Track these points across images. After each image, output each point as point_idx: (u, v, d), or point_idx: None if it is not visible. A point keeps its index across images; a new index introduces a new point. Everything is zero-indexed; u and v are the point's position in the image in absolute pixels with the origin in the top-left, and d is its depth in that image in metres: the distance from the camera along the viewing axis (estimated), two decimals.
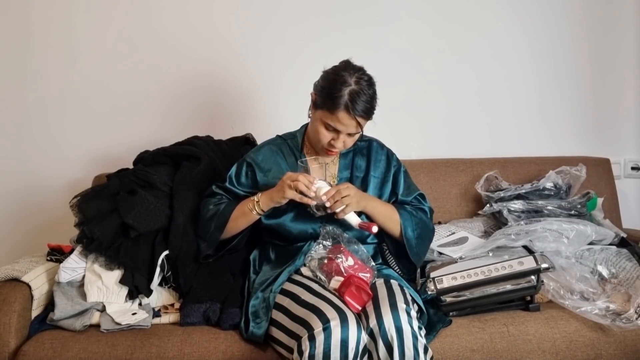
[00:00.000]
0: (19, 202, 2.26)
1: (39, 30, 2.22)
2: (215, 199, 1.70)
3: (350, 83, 1.53)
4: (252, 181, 1.69)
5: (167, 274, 1.72)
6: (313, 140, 1.66)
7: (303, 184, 1.51)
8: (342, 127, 1.56)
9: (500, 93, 2.41)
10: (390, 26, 2.34)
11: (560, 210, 1.97)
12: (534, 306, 1.65)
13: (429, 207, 1.76)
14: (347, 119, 1.54)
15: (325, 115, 1.56)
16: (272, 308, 1.51)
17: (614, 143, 2.46)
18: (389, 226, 1.65)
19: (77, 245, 1.74)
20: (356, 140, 1.74)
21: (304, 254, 1.62)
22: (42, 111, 2.24)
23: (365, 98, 1.54)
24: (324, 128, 1.58)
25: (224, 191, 1.72)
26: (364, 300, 1.45)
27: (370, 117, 1.60)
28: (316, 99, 1.60)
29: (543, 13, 2.40)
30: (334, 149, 1.60)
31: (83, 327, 1.58)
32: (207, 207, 1.68)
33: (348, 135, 1.59)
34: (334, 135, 1.58)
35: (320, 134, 1.59)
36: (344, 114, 1.53)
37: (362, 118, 1.56)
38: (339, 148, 1.60)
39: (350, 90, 1.53)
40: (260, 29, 2.29)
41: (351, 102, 1.52)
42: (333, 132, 1.58)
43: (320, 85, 1.59)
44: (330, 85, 1.55)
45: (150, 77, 2.26)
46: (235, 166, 1.74)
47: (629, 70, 2.45)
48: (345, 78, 1.54)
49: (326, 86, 1.56)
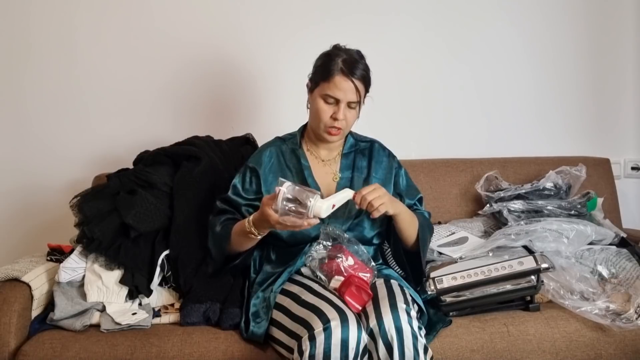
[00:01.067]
0: (19, 202, 2.26)
1: (39, 30, 2.22)
2: (222, 218, 1.65)
3: (341, 55, 1.59)
4: (257, 187, 1.67)
5: (167, 274, 1.72)
6: (314, 126, 1.64)
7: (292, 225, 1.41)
8: (340, 94, 1.56)
9: (500, 93, 2.41)
10: (390, 26, 2.34)
11: (560, 210, 1.97)
12: (534, 306, 1.65)
13: (428, 212, 1.77)
14: (344, 82, 1.56)
15: (323, 87, 1.58)
16: (272, 308, 1.51)
17: (614, 143, 2.46)
18: (408, 234, 1.63)
19: (77, 245, 1.75)
20: (358, 141, 1.75)
21: (304, 254, 1.62)
22: (42, 111, 2.24)
23: (360, 65, 1.58)
24: (323, 102, 1.59)
25: (228, 204, 1.67)
26: (364, 300, 1.45)
27: (367, 87, 1.62)
28: (311, 82, 1.63)
29: (543, 13, 2.40)
30: (336, 123, 1.59)
31: (83, 327, 1.58)
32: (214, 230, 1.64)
33: (348, 106, 1.59)
34: (335, 109, 1.58)
35: (320, 112, 1.59)
36: (340, 78, 1.56)
37: (360, 82, 1.58)
38: (341, 122, 1.58)
39: (342, 58, 1.58)
40: (261, 28, 2.29)
41: (346, 67, 1.56)
42: (333, 104, 1.58)
43: (313, 68, 1.64)
44: (323, 62, 1.61)
45: (151, 77, 2.26)
46: (238, 175, 1.71)
47: (629, 70, 2.45)
48: (336, 52, 1.60)
49: (319, 64, 1.62)
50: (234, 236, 1.58)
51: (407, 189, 1.74)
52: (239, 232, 1.56)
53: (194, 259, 1.72)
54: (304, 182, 1.65)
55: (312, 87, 1.63)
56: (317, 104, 1.60)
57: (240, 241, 1.57)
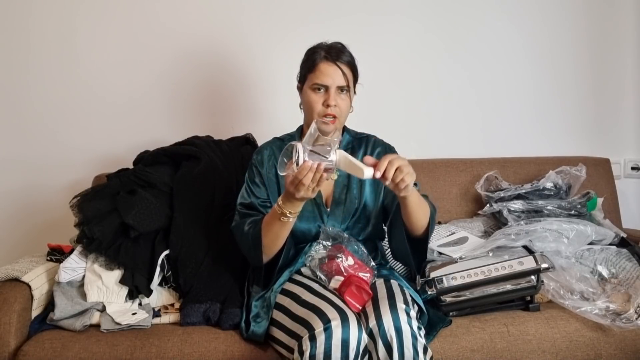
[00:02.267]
0: (19, 202, 2.26)
1: (39, 30, 2.22)
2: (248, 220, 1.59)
3: (323, 46, 1.62)
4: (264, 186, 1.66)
5: (167, 274, 1.72)
6: (309, 120, 1.63)
7: (309, 178, 1.34)
8: (328, 79, 1.57)
9: (500, 93, 2.41)
10: (390, 26, 2.34)
11: (560, 210, 1.97)
12: (534, 306, 1.65)
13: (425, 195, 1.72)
14: (329, 68, 1.58)
15: (310, 79, 1.60)
16: (272, 308, 1.51)
17: (614, 143, 2.46)
18: (418, 216, 1.52)
19: (77, 245, 1.75)
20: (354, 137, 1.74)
21: (304, 254, 1.62)
22: (42, 111, 2.24)
23: (344, 51, 1.61)
24: (313, 93, 1.60)
25: (249, 209, 1.63)
26: (364, 299, 1.45)
27: (355, 74, 1.64)
28: (300, 81, 1.66)
29: (543, 13, 2.40)
30: (330, 110, 1.58)
31: (83, 327, 1.58)
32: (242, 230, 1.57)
33: (338, 90, 1.59)
34: (325, 96, 1.59)
35: (312, 102, 1.60)
36: (324, 64, 1.58)
37: (346, 67, 1.59)
38: (334, 109, 1.58)
39: (324, 49, 1.61)
40: (261, 29, 2.29)
41: (329, 53, 1.59)
42: (323, 92, 1.59)
43: (300, 68, 1.66)
44: (307, 57, 1.63)
45: (151, 78, 2.26)
46: (248, 178, 1.67)
47: (629, 70, 2.45)
48: (318, 45, 1.63)
49: (304, 60, 1.65)
50: (266, 227, 1.52)
51: None
52: (270, 222, 1.51)
53: (194, 259, 1.72)
54: None
55: (301, 84, 1.66)
56: (307, 97, 1.61)
57: (274, 231, 1.50)
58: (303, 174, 1.34)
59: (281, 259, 1.58)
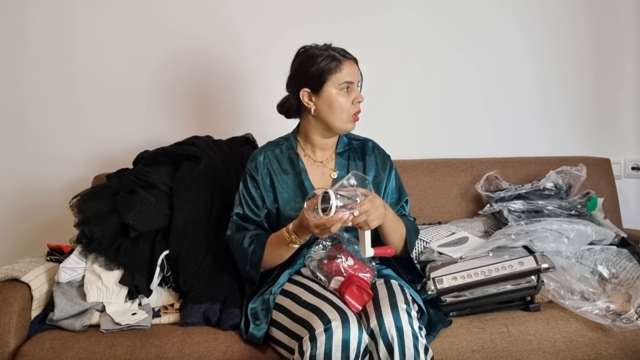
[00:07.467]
0: (19, 202, 2.26)
1: (38, 29, 2.21)
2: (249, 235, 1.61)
3: (323, 47, 1.62)
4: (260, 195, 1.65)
5: (167, 274, 1.72)
6: (336, 121, 1.60)
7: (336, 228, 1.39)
8: (355, 76, 1.60)
9: (501, 93, 2.41)
10: (390, 25, 2.33)
11: (561, 211, 1.97)
12: (534, 306, 1.65)
13: (413, 217, 1.76)
14: (352, 66, 1.60)
15: (337, 79, 1.58)
16: (271, 310, 1.51)
17: (614, 143, 2.46)
18: (391, 239, 1.58)
19: (77, 245, 1.74)
20: (351, 140, 1.74)
21: (303, 256, 1.61)
22: (42, 111, 2.24)
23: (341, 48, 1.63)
24: (340, 93, 1.59)
25: (245, 221, 1.64)
26: (365, 300, 1.45)
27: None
28: (312, 87, 1.59)
29: (544, 12, 2.40)
30: (359, 105, 1.61)
31: (83, 327, 1.58)
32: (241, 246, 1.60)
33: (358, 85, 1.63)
34: (352, 94, 1.60)
35: (342, 103, 1.58)
36: (348, 62, 1.59)
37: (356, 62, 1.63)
38: (361, 103, 1.61)
39: (331, 48, 1.61)
40: (261, 28, 2.29)
41: (338, 53, 1.60)
42: (350, 91, 1.60)
43: (305, 73, 1.59)
44: (313, 60, 1.59)
45: (151, 77, 2.26)
46: (242, 187, 1.66)
47: (629, 70, 2.44)
48: (314, 49, 1.62)
49: (312, 63, 1.59)
50: (270, 248, 1.56)
51: (397, 188, 1.72)
52: (275, 244, 1.55)
53: (193, 259, 1.71)
54: (302, 184, 1.64)
55: (316, 89, 1.59)
56: (334, 98, 1.58)
57: (278, 253, 1.56)
58: (332, 224, 1.37)
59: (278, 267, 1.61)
